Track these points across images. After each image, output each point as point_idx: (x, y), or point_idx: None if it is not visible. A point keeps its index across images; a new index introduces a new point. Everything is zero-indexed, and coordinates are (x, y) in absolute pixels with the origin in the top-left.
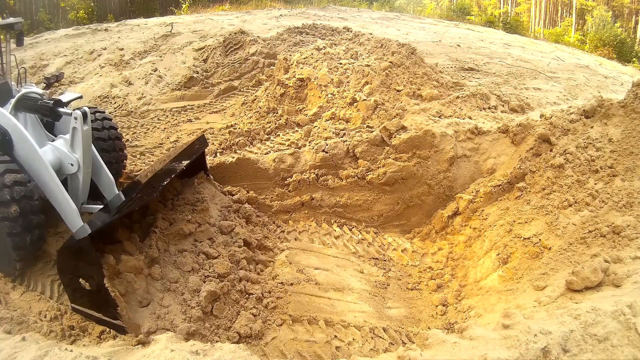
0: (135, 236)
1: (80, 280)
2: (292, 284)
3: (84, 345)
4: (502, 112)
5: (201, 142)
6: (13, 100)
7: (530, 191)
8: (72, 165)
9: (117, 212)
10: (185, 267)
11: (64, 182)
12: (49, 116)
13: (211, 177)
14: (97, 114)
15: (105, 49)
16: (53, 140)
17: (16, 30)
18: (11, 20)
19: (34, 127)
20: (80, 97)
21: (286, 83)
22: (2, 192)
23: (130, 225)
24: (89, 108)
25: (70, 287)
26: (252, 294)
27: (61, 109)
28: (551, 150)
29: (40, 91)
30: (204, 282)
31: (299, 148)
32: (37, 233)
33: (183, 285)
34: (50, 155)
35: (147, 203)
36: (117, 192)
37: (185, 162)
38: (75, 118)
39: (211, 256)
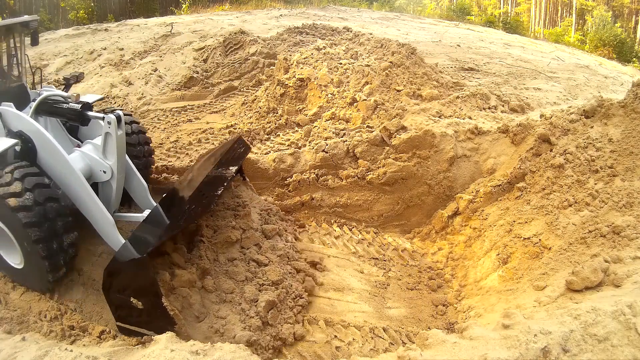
0: (182, 247)
1: (132, 299)
2: None
3: (84, 345)
4: (502, 112)
5: (243, 144)
6: (33, 104)
7: (530, 191)
8: (104, 172)
9: (176, 226)
10: (239, 276)
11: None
12: (76, 121)
13: (247, 179)
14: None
15: (105, 49)
16: (78, 146)
17: (31, 29)
18: (26, 18)
19: (56, 132)
20: (103, 99)
21: (286, 83)
22: (24, 197)
23: (174, 236)
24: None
25: (117, 306)
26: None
27: (90, 113)
28: (551, 150)
29: (64, 93)
30: (260, 291)
31: (299, 148)
32: (67, 239)
33: (239, 296)
34: (80, 162)
35: (203, 215)
36: (151, 200)
37: (233, 168)
38: (109, 122)
39: (262, 263)
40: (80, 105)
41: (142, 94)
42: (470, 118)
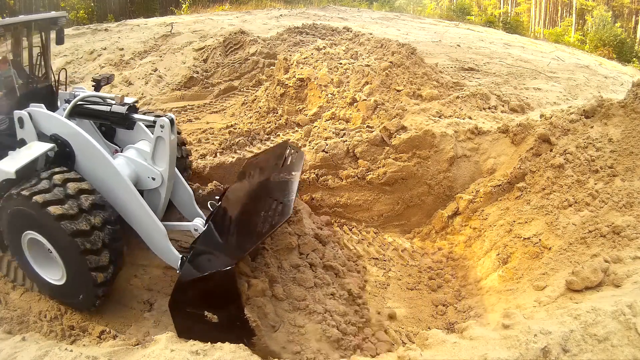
0: (247, 256)
1: (207, 313)
2: None
3: (84, 345)
4: (502, 112)
5: (297, 151)
6: (68, 106)
7: (530, 191)
8: (153, 179)
9: (257, 239)
10: (307, 283)
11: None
12: (120, 124)
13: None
14: None
15: (105, 49)
16: (116, 151)
17: (59, 25)
18: (54, 14)
19: (91, 137)
20: (136, 102)
21: (286, 83)
22: (68, 204)
23: None
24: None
25: (185, 320)
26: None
27: (137, 116)
28: (551, 150)
29: (104, 94)
30: (334, 299)
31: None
32: (115, 249)
33: (312, 303)
34: (126, 168)
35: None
36: (197, 208)
37: (296, 173)
38: (162, 126)
39: (333, 269)
40: (126, 107)
41: (142, 94)
42: (470, 118)
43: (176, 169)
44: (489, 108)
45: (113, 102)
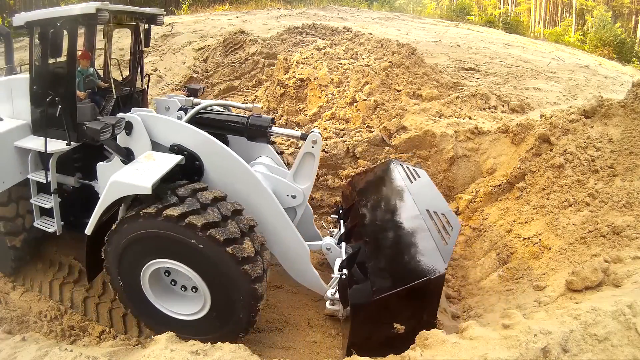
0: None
1: (395, 325)
2: None
3: (84, 345)
4: (502, 112)
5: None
6: (186, 115)
7: (530, 191)
8: (293, 197)
9: (448, 250)
10: None
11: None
12: (257, 137)
13: None
14: None
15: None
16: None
17: (159, 24)
18: (156, 10)
19: None
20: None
21: (286, 83)
22: (229, 226)
23: None
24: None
25: (364, 338)
26: None
27: (280, 129)
28: (551, 150)
29: (226, 102)
30: None
31: (299, 148)
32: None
33: None
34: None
35: None
36: (315, 227)
37: (434, 186)
38: (314, 142)
39: None
40: (270, 120)
41: None
42: (470, 118)
43: None
44: (489, 108)
45: (228, 112)
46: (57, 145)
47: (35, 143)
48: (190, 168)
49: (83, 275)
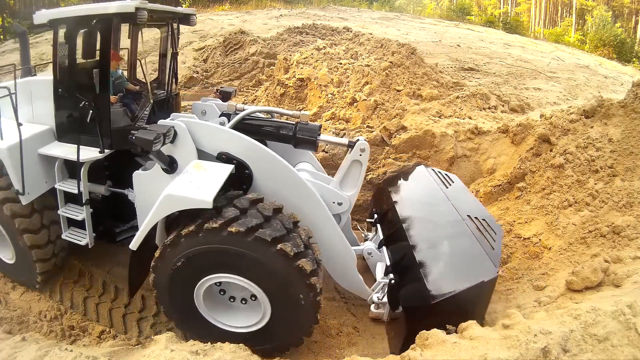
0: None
1: (448, 327)
2: None
3: (84, 345)
4: (502, 112)
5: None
6: (229, 121)
7: (530, 191)
8: (339, 204)
9: (496, 254)
10: None
11: None
12: (304, 145)
13: None
14: None
15: None
16: None
17: (192, 24)
18: (189, 10)
19: None
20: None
21: (286, 83)
22: (309, 258)
23: None
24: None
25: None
26: None
27: (328, 137)
28: (551, 150)
29: (265, 108)
30: None
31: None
32: None
33: None
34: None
35: None
36: (352, 232)
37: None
38: (362, 149)
39: None
40: (318, 127)
41: None
42: (470, 118)
43: None
44: (489, 108)
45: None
46: (89, 154)
47: (62, 150)
48: (240, 177)
49: (83, 275)
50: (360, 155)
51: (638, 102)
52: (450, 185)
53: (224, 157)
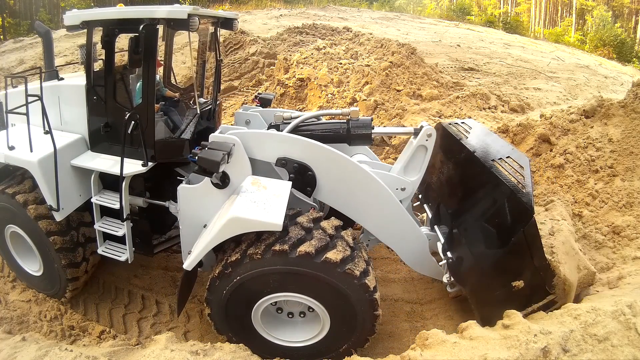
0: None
1: (514, 283)
2: None
3: (84, 345)
4: (502, 112)
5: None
6: (287, 125)
7: None
8: (402, 189)
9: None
10: None
11: None
12: (360, 142)
13: None
14: None
15: None
16: None
17: (234, 29)
18: (231, 13)
19: None
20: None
21: (286, 83)
22: (368, 275)
23: None
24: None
25: (490, 307)
26: None
27: (385, 129)
28: (551, 150)
29: (323, 112)
30: None
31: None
32: None
33: None
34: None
35: None
36: None
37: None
38: (429, 135)
39: None
40: (369, 120)
41: None
42: (470, 118)
43: None
44: (489, 108)
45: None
46: (131, 167)
47: (100, 163)
48: (303, 180)
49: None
50: (427, 140)
51: (638, 102)
52: (469, 133)
53: (283, 162)
